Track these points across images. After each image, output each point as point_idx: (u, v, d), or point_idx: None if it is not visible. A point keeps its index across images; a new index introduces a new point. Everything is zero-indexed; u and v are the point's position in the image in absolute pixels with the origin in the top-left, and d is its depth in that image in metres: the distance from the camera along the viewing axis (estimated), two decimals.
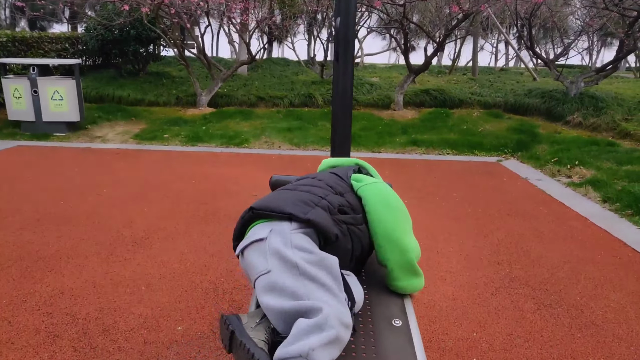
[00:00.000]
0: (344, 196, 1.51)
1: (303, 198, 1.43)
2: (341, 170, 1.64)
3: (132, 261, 3.46)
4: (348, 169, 1.66)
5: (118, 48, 10.49)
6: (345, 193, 1.52)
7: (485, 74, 13.75)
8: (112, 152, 7.17)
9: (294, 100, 10.08)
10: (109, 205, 4.67)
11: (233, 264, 3.46)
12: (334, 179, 1.56)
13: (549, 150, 7.33)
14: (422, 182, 5.92)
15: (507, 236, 4.16)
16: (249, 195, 5.16)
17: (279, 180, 2.12)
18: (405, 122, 9.08)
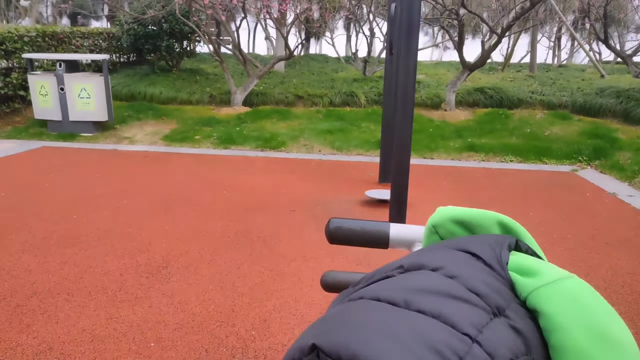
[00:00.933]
0: (508, 319, 0.62)
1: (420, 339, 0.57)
2: (481, 246, 0.72)
3: (144, 301, 2.78)
4: (493, 241, 0.74)
5: (151, 43, 10.01)
6: (508, 308, 0.64)
7: (542, 70, 12.56)
8: (140, 155, 6.60)
9: (335, 99, 9.30)
10: (126, 221, 4.04)
11: (267, 309, 2.72)
12: (476, 271, 0.66)
13: (635, 159, 6.27)
14: (487, 197, 5.03)
15: (614, 275, 3.25)
16: (287, 210, 4.43)
17: (338, 280, 1.15)
18: (459, 124, 8.14)
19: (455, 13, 7.54)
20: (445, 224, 0.65)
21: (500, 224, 0.63)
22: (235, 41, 8.93)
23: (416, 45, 3.56)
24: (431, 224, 0.65)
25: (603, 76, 10.69)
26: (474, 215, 0.65)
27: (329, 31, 14.65)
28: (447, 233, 0.63)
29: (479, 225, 0.63)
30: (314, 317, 2.63)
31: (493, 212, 0.65)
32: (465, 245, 0.54)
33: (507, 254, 0.53)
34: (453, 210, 0.66)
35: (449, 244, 0.55)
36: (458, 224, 0.64)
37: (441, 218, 0.68)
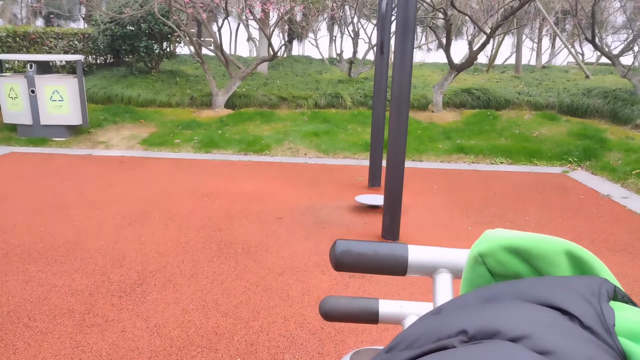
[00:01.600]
0: None
1: None
2: (572, 297, 0.42)
3: (116, 325, 2.49)
4: (585, 288, 0.41)
5: (129, 44, 9.64)
6: None
7: (527, 71, 12.53)
8: (116, 160, 6.27)
9: (320, 100, 9.08)
10: (98, 233, 3.74)
11: (254, 330, 2.46)
12: (576, 342, 0.40)
13: (625, 159, 6.18)
14: (481, 200, 4.86)
15: (620, 283, 3.07)
16: (273, 218, 4.17)
17: (341, 307, 0.94)
18: (447, 125, 7.99)
19: (444, 13, 7.39)
20: (495, 253, 0.50)
21: (569, 255, 0.48)
22: (217, 42, 8.64)
23: (412, 44, 3.35)
24: (477, 252, 0.50)
25: (588, 77, 10.69)
26: (534, 242, 0.49)
27: (313, 32, 14.45)
28: (498, 264, 0.49)
29: (540, 256, 0.48)
30: (306, 339, 2.39)
31: (558, 239, 0.49)
32: (548, 297, 0.37)
33: (612, 312, 0.36)
34: (506, 236, 0.50)
35: (521, 291, 0.39)
36: (512, 253, 0.49)
37: (490, 245, 0.51)
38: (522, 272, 0.48)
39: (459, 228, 4.06)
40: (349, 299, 0.90)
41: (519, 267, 0.48)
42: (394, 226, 3.63)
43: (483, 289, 0.43)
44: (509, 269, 0.48)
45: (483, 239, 0.51)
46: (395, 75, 3.38)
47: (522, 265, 0.48)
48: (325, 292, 2.87)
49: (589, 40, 8.03)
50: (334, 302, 0.91)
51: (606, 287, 0.40)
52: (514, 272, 0.48)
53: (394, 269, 0.78)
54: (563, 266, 0.47)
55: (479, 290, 0.43)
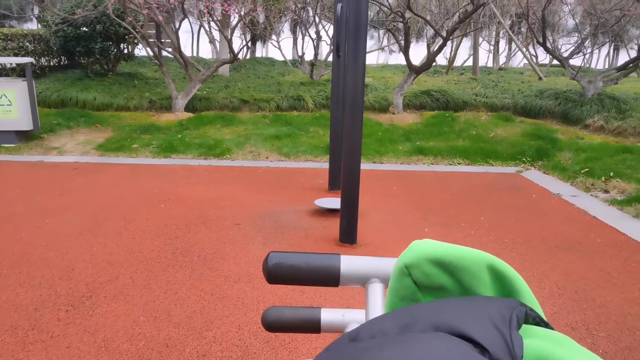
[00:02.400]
0: None
1: None
2: (481, 324, 0.37)
3: (61, 341, 2.40)
4: (495, 312, 0.39)
5: (83, 46, 9.33)
6: None
7: (484, 73, 12.89)
8: (69, 167, 6.05)
9: (282, 103, 9.05)
10: (47, 244, 3.59)
11: (207, 341, 2.42)
12: None
13: (575, 159, 6.45)
14: (440, 201, 4.95)
15: (567, 280, 3.20)
16: (232, 224, 4.12)
17: (284, 318, 0.94)
18: (407, 127, 8.12)
19: (401, 16, 7.51)
20: (421, 265, 0.50)
21: (491, 270, 0.49)
22: (175, 43, 8.48)
23: (364, 46, 3.38)
24: (403, 264, 0.50)
25: (541, 78, 11.09)
26: (458, 256, 0.49)
27: (275, 34, 14.39)
28: (423, 276, 0.48)
29: (464, 269, 0.48)
30: (260, 348, 2.37)
31: (483, 253, 0.50)
32: (461, 326, 0.36)
33: (520, 340, 0.35)
34: (432, 248, 0.51)
35: (436, 318, 0.38)
36: (437, 265, 0.49)
37: (416, 257, 0.51)
38: (447, 284, 0.48)
39: (417, 230, 4.13)
40: (291, 309, 0.90)
41: (444, 279, 0.48)
42: (351, 229, 3.65)
43: (402, 312, 0.42)
44: (433, 281, 0.48)
45: (409, 251, 0.50)
46: (349, 77, 3.41)
47: (447, 278, 0.48)
48: (281, 299, 2.85)
49: (540, 43, 8.33)
50: (277, 312, 0.90)
51: (517, 311, 0.40)
52: (439, 284, 0.48)
53: (326, 280, 0.78)
54: (485, 280, 0.47)
55: (398, 313, 0.42)
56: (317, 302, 2.81)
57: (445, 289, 0.48)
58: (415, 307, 0.42)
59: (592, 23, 9.82)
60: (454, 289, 0.48)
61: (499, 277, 0.48)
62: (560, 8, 12.00)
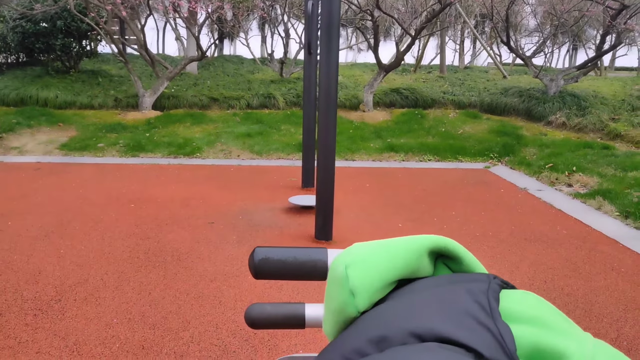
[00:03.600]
0: None
1: None
2: (461, 322, 0.34)
3: (30, 346, 2.30)
4: (470, 300, 0.36)
5: (43, 42, 8.98)
6: None
7: (450, 71, 13.16)
8: (30, 167, 5.82)
9: (252, 101, 8.98)
10: (10, 247, 3.44)
11: (184, 341, 2.38)
12: None
13: (539, 154, 6.66)
14: (411, 198, 5.02)
15: (536, 271, 3.31)
16: (205, 222, 4.06)
17: (267, 315, 0.92)
18: (378, 124, 8.20)
19: (370, 14, 7.56)
20: (369, 290, 0.44)
21: (436, 246, 0.45)
22: (141, 40, 8.27)
23: (337, 44, 3.38)
24: (350, 289, 0.44)
25: (505, 77, 11.40)
26: (401, 267, 0.45)
27: (243, 32, 14.24)
28: (369, 298, 0.44)
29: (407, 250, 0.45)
30: (238, 347, 2.34)
31: (419, 242, 0.46)
32: (438, 328, 0.33)
33: (509, 331, 0.32)
34: (375, 275, 0.45)
35: (410, 322, 0.34)
36: (385, 288, 0.45)
37: (350, 257, 0.46)
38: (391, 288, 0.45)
39: (391, 225, 4.17)
40: (274, 306, 0.89)
41: (388, 289, 0.45)
42: (326, 227, 3.66)
43: (366, 321, 0.38)
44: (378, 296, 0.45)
45: (346, 256, 0.47)
46: (322, 75, 3.41)
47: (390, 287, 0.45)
48: (259, 296, 2.83)
49: (504, 42, 8.57)
50: (260, 309, 0.88)
51: (491, 292, 0.36)
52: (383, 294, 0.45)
53: (314, 274, 0.77)
54: (426, 263, 0.45)
55: (360, 326, 0.38)
56: (296, 299, 2.81)
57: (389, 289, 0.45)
58: (376, 313, 0.39)
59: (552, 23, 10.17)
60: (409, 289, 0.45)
61: (439, 251, 0.45)
62: (522, 8, 12.36)
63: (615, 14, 7.40)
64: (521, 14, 11.61)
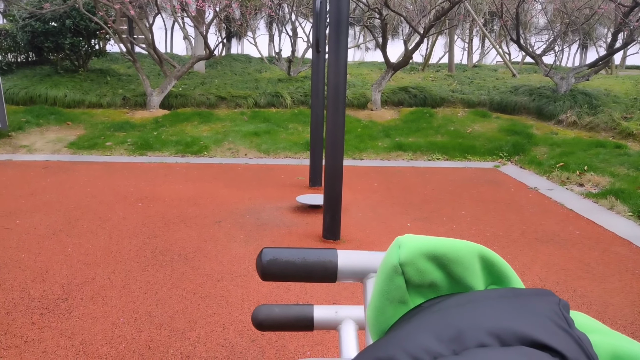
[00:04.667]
0: None
1: None
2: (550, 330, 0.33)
3: (36, 345, 2.29)
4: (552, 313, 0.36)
5: (52, 41, 9.03)
6: None
7: (459, 70, 13.06)
8: (39, 166, 5.84)
9: (260, 100, 8.96)
10: (18, 246, 3.44)
11: (190, 341, 2.35)
12: None
13: (550, 153, 6.57)
14: (420, 196, 4.97)
15: (548, 272, 3.24)
16: (212, 221, 4.04)
17: (275, 316, 0.91)
18: (386, 123, 8.14)
19: (379, 12, 7.51)
20: (416, 261, 0.47)
21: (482, 259, 0.48)
22: (149, 39, 8.28)
23: (345, 42, 3.34)
24: (398, 262, 0.46)
25: (515, 75, 11.29)
26: (451, 247, 0.48)
27: (251, 31, 14.24)
28: (417, 273, 0.46)
29: (457, 260, 0.47)
30: (246, 347, 2.31)
31: (471, 244, 0.49)
32: (527, 331, 0.33)
33: (587, 339, 0.33)
34: (425, 242, 0.48)
35: (477, 325, 0.34)
36: (431, 260, 0.47)
37: (412, 253, 0.47)
38: (437, 280, 0.46)
39: (399, 224, 4.12)
40: (282, 307, 0.86)
41: (435, 274, 0.46)
42: (334, 226, 3.62)
43: (430, 318, 0.38)
44: (425, 277, 0.46)
45: (402, 247, 0.47)
46: (331, 74, 3.36)
47: (438, 273, 0.46)
48: (266, 297, 2.80)
49: (514, 40, 8.47)
50: (268, 311, 0.86)
51: (562, 305, 0.37)
52: (430, 281, 0.46)
53: (323, 276, 0.74)
54: (476, 270, 0.46)
55: (426, 321, 0.38)
56: (304, 300, 2.77)
57: (435, 285, 0.46)
58: (441, 311, 0.39)
59: (563, 21, 10.05)
60: (444, 284, 0.46)
61: (488, 265, 0.47)
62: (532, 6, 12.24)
63: (627, 11, 7.28)
64: (531, 11, 11.48)
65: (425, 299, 0.46)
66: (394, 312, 0.46)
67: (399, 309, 0.46)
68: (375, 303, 0.48)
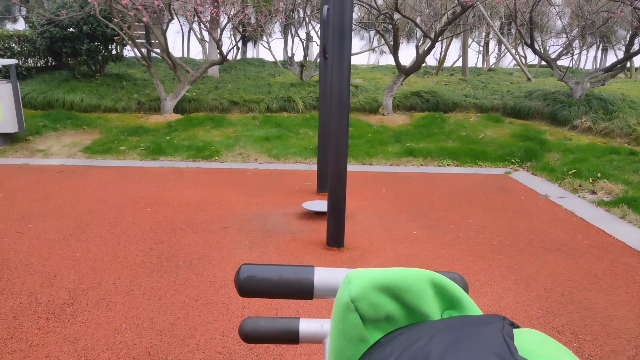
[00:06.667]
0: None
1: None
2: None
3: (40, 350, 2.35)
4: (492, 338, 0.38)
5: (70, 47, 9.23)
6: None
7: (473, 74, 12.95)
8: (54, 170, 5.97)
9: (272, 104, 9.01)
10: (28, 250, 3.53)
11: (190, 349, 2.38)
12: None
13: (563, 160, 6.47)
14: (428, 203, 4.95)
15: (554, 283, 3.20)
16: (219, 227, 4.08)
17: (260, 329, 0.94)
18: (397, 128, 8.12)
19: (390, 17, 7.50)
20: (368, 295, 0.47)
21: (433, 284, 0.48)
22: (163, 45, 8.40)
23: (349, 48, 3.35)
24: (349, 298, 0.47)
25: (530, 79, 11.15)
26: (401, 276, 0.48)
27: (266, 35, 14.35)
28: (370, 307, 0.46)
29: (409, 289, 0.47)
30: (244, 356, 2.34)
31: (421, 271, 0.49)
32: None
33: None
34: (375, 275, 0.48)
35: None
36: (383, 292, 0.47)
37: (362, 287, 0.48)
38: (393, 312, 0.46)
39: (405, 232, 4.11)
40: (268, 320, 0.87)
41: (390, 306, 0.46)
42: (338, 233, 3.63)
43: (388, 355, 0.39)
44: (380, 311, 0.46)
45: (353, 283, 0.47)
46: (334, 79, 3.38)
47: (392, 304, 0.46)
48: (266, 305, 2.82)
49: (528, 44, 8.37)
50: (254, 323, 0.87)
51: (505, 331, 0.39)
52: (385, 314, 0.46)
53: (299, 293, 0.76)
54: (430, 297, 0.47)
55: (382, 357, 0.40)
56: (298, 310, 2.79)
57: (391, 318, 0.46)
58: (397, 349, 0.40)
59: (579, 24, 9.90)
60: (400, 315, 0.46)
61: (440, 291, 0.47)
62: (548, 9, 12.08)
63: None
64: (547, 15, 11.33)
65: (384, 332, 0.46)
66: (354, 352, 0.45)
67: (359, 347, 0.45)
68: (334, 344, 0.47)
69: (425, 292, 0.47)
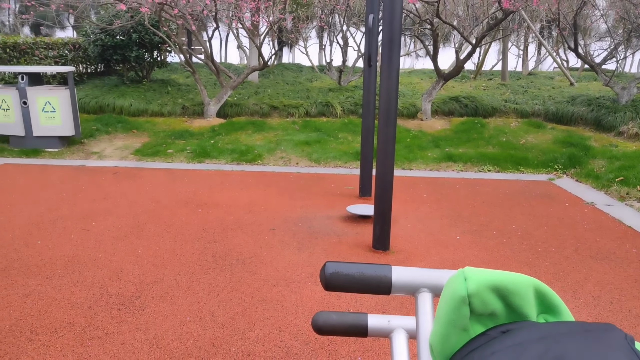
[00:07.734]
0: None
1: None
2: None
3: (116, 337, 2.56)
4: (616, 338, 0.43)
5: (119, 54, 9.70)
6: None
7: (513, 78, 12.78)
8: (109, 171, 6.32)
9: (310, 109, 9.20)
10: (95, 246, 3.80)
11: (250, 341, 2.55)
12: None
13: (609, 167, 6.36)
14: (470, 209, 4.99)
15: (602, 291, 3.21)
16: (267, 228, 4.26)
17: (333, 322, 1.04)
18: (436, 133, 8.14)
19: (430, 23, 7.55)
20: (481, 293, 0.55)
21: (536, 290, 0.56)
22: (207, 51, 8.73)
23: (398, 58, 3.47)
24: (466, 294, 0.54)
25: (572, 84, 10.93)
26: (511, 280, 0.55)
27: (302, 40, 14.58)
28: (482, 304, 0.53)
29: (515, 292, 0.55)
30: (301, 349, 2.48)
31: (527, 277, 0.56)
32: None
33: None
34: (489, 276, 0.56)
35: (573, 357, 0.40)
36: (494, 292, 0.55)
37: (478, 285, 0.55)
38: (497, 310, 0.53)
39: (448, 237, 4.18)
40: (339, 314, 0.99)
41: (496, 305, 0.53)
42: (384, 236, 3.73)
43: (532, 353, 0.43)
44: (488, 307, 0.52)
45: (469, 281, 0.54)
46: (383, 88, 3.50)
47: (499, 303, 0.53)
48: (318, 303, 2.96)
49: (571, 48, 8.24)
50: (326, 317, 0.99)
51: (629, 338, 0.42)
52: (491, 310, 0.53)
53: (379, 288, 0.87)
54: (531, 301, 0.53)
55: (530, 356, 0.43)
56: (353, 307, 2.91)
57: (494, 314, 0.52)
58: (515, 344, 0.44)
59: (625, 27, 9.65)
60: (502, 314, 0.52)
61: (541, 296, 0.54)
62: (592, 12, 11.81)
63: None
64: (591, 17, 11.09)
65: (485, 327, 0.52)
66: (458, 339, 0.52)
67: (461, 336, 0.52)
68: (440, 330, 0.54)
69: (528, 295, 0.53)
